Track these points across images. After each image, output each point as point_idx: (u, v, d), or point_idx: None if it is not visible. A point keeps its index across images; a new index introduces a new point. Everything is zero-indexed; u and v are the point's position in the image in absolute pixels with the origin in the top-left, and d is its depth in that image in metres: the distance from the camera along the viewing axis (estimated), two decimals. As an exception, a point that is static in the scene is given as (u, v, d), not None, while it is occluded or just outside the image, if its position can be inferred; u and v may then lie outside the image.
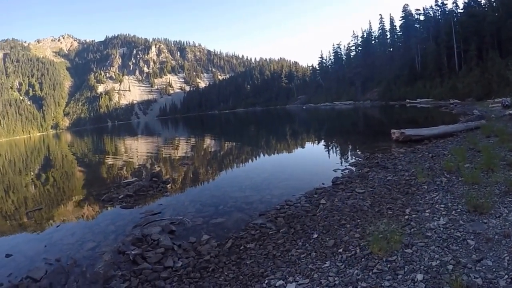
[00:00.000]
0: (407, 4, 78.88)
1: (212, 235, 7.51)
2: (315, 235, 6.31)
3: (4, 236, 10.08)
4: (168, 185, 13.58)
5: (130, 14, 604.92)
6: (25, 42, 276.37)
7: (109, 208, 11.36)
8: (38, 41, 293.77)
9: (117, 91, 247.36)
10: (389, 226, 5.30)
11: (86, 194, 14.80)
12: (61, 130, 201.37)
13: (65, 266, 6.95)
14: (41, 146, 66.11)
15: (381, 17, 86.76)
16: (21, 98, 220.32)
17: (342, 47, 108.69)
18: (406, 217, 6.16)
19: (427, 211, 6.25)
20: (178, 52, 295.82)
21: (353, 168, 12.28)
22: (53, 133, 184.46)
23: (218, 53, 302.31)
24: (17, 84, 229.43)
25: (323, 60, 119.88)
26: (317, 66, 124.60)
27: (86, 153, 39.35)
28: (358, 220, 6.58)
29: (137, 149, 34.75)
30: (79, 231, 9.26)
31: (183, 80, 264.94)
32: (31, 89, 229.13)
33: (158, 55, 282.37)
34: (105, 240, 8.20)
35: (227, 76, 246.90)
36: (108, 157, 29.23)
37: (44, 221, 11.09)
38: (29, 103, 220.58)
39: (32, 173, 26.14)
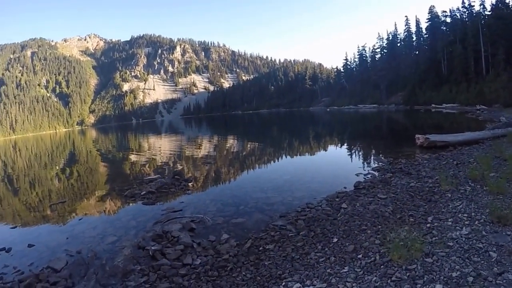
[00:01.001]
0: (433, 6, 76.46)
1: (232, 235, 7.52)
2: (335, 240, 6.24)
3: (27, 227, 10.41)
4: (190, 183, 13.67)
5: (155, 15, 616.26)
6: (52, 41, 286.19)
7: (131, 204, 11.54)
8: (65, 40, 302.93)
9: (142, 90, 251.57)
10: (410, 233, 5.19)
11: (109, 189, 15.09)
12: (86, 127, 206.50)
13: (86, 258, 7.11)
14: (67, 142, 67.82)
15: (407, 19, 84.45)
16: (48, 95, 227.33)
17: (367, 49, 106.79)
18: (428, 225, 6.01)
19: (449, 220, 6.07)
20: (203, 52, 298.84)
21: (376, 173, 12.12)
22: (78, 129, 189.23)
23: (243, 53, 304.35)
24: (44, 82, 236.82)
25: (348, 62, 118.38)
26: (341, 68, 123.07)
27: (110, 149, 40.23)
28: (379, 226, 6.47)
29: (160, 147, 35.15)
30: (100, 225, 9.47)
31: (207, 80, 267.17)
32: (57, 86, 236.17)
33: (182, 55, 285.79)
34: (125, 235, 8.34)
35: (251, 76, 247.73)
36: (131, 154, 29.67)
37: (67, 214, 11.39)
38: (55, 100, 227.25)
39: (57, 167, 26.84)
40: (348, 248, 5.61)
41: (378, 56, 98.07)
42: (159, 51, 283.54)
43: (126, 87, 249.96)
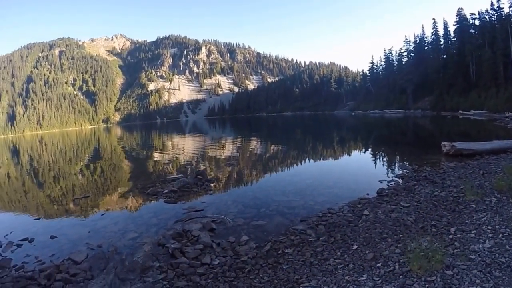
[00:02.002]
0: (461, 8, 72.89)
1: (252, 237, 7.53)
2: (355, 247, 6.16)
3: (50, 219, 10.74)
4: (212, 184, 13.75)
5: (181, 16, 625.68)
6: (79, 40, 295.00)
7: (153, 202, 11.73)
8: (92, 40, 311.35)
9: (167, 90, 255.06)
10: (431, 244, 5.08)
11: (132, 186, 15.35)
12: (111, 124, 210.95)
13: (106, 252, 7.28)
14: (92, 138, 69.45)
15: (434, 21, 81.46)
16: (75, 92, 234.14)
17: (393, 52, 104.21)
18: (451, 236, 5.86)
19: (473, 232, 5.89)
20: (228, 54, 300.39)
21: (400, 180, 11.88)
22: (103, 126, 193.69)
23: (268, 55, 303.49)
24: (72, 80, 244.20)
25: (374, 66, 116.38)
26: (367, 72, 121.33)
27: (134, 147, 40.95)
28: (400, 235, 6.35)
29: (184, 146, 35.50)
30: (122, 221, 9.66)
31: (232, 82, 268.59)
32: (84, 84, 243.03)
33: (208, 56, 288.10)
34: (146, 232, 8.48)
35: (276, 79, 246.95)
36: (155, 153, 30.13)
37: (90, 208, 11.68)
38: (82, 97, 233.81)
39: (81, 163, 27.49)
40: (368, 256, 5.53)
41: (405, 59, 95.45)
42: (185, 51, 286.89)
43: (151, 86, 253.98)
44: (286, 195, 11.05)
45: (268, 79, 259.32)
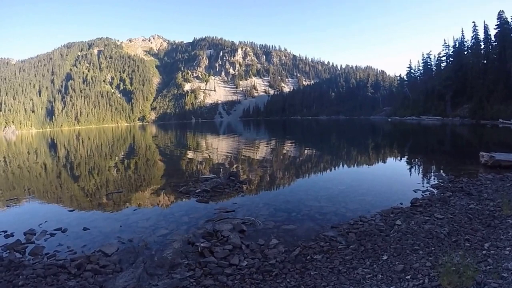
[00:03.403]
0: (502, 11, 68.80)
1: (281, 241, 7.50)
2: (385, 257, 6.03)
3: (83, 211, 11.10)
4: (244, 185, 13.80)
5: (217, 17, 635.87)
6: (118, 40, 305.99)
7: (185, 200, 11.92)
8: (130, 40, 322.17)
9: (202, 90, 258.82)
10: (464, 259, 4.89)
11: (165, 184, 15.65)
12: (147, 123, 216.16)
13: (136, 247, 7.44)
14: (127, 135, 71.33)
15: (474, 25, 77.60)
16: (112, 91, 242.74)
17: (432, 57, 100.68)
18: (484, 252, 5.66)
19: (507, 248, 5.67)
20: (264, 56, 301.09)
21: (435, 191, 11.55)
22: (139, 124, 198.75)
23: (304, 58, 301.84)
24: (109, 78, 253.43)
25: (412, 70, 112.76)
26: (405, 77, 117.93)
27: (169, 145, 41.65)
28: (432, 248, 6.18)
29: (217, 147, 35.87)
30: (154, 217, 9.86)
31: (268, 84, 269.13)
32: (122, 83, 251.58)
33: (244, 57, 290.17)
34: (177, 229, 8.63)
35: (312, 82, 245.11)
36: (189, 152, 30.59)
37: (122, 203, 12.02)
38: (119, 95, 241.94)
39: (116, 158, 28.30)
40: (397, 268, 5.42)
41: (443, 64, 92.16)
42: (221, 53, 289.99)
43: (187, 87, 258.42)
44: (318, 201, 10.95)
45: (304, 82, 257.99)
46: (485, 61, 74.72)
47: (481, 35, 77.84)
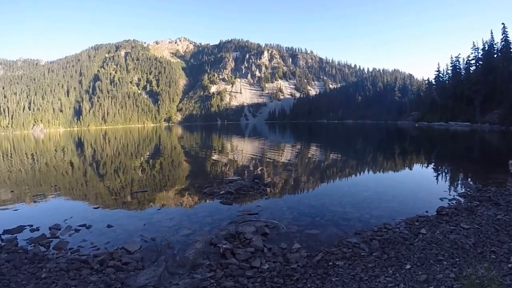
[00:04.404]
0: None
1: (304, 245, 7.46)
2: (408, 266, 5.91)
3: (108, 209, 11.37)
4: (268, 188, 13.78)
5: (243, 20, 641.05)
6: (144, 43, 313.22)
7: (209, 201, 12.03)
8: (157, 43, 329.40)
9: (228, 93, 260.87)
10: (489, 272, 4.73)
11: (189, 184, 15.81)
12: (173, 124, 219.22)
13: (159, 245, 7.57)
14: (153, 136, 72.45)
15: (504, 27, 74.58)
16: (139, 92, 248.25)
17: (461, 60, 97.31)
18: (510, 265, 5.52)
19: None
20: (290, 59, 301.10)
21: (462, 199, 11.25)
22: (165, 125, 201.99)
23: (330, 61, 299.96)
24: (136, 80, 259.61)
25: (440, 74, 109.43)
26: (433, 81, 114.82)
27: (194, 146, 42.13)
28: (457, 259, 6.03)
29: (242, 149, 35.95)
30: (177, 217, 10.00)
31: (294, 87, 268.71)
32: (148, 84, 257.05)
33: (270, 60, 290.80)
34: (200, 230, 8.71)
35: (338, 85, 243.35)
36: (214, 153, 30.83)
37: (147, 202, 12.22)
38: (145, 97, 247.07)
39: (141, 158, 28.77)
40: (420, 278, 5.33)
41: (472, 68, 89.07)
42: (247, 55, 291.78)
43: (213, 89, 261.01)
44: (342, 206, 10.85)
45: (330, 85, 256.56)
46: (516, 65, 72.29)
47: (511, 37, 75.35)
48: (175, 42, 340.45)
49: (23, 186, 16.59)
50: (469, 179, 15.69)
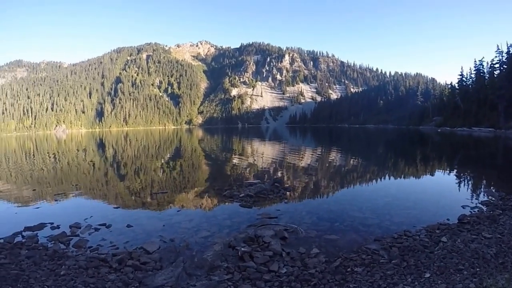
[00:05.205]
0: None
1: (322, 250, 7.42)
2: (427, 275, 5.79)
3: (128, 209, 11.57)
4: (288, 192, 13.75)
5: (264, 23, 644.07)
6: (166, 46, 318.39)
7: (228, 204, 12.07)
8: (178, 46, 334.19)
9: (249, 96, 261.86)
10: (509, 283, 4.66)
11: (209, 187, 15.89)
12: (193, 126, 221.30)
13: (177, 246, 7.64)
14: (174, 138, 73.22)
15: None
16: (160, 94, 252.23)
17: (484, 64, 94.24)
18: None
19: None
20: (311, 62, 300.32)
21: (484, 208, 10.97)
22: (186, 127, 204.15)
23: (352, 64, 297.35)
24: (158, 82, 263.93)
25: (463, 79, 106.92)
26: (456, 85, 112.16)
27: (215, 149, 42.36)
28: (477, 269, 5.88)
29: (263, 152, 35.95)
30: (196, 219, 10.08)
31: (315, 90, 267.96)
32: (169, 87, 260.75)
33: (291, 63, 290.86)
34: (219, 232, 8.75)
35: (360, 89, 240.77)
36: (234, 156, 30.93)
37: (166, 203, 12.35)
38: (167, 99, 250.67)
39: (161, 160, 29.09)
40: (440, 287, 5.22)
41: (496, 72, 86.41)
42: (268, 59, 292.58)
43: (234, 92, 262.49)
44: (362, 212, 10.74)
45: (352, 89, 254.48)
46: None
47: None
48: (196, 45, 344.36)
49: (45, 185, 17.05)
50: (492, 187, 15.29)
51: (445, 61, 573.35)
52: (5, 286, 5.32)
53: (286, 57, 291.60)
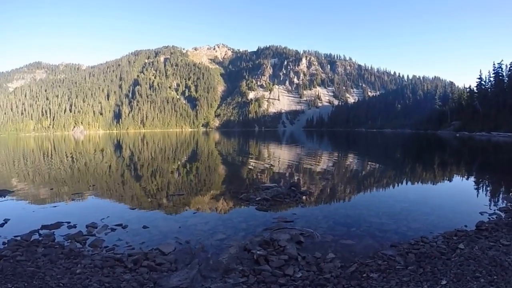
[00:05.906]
0: None
1: (338, 255, 7.35)
2: (444, 282, 5.69)
3: (144, 210, 11.65)
4: (304, 196, 13.69)
5: (281, 26, 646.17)
6: (183, 49, 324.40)
7: (244, 207, 12.08)
8: (195, 49, 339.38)
9: (266, 99, 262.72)
10: None
11: (225, 189, 15.92)
12: (210, 129, 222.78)
13: (193, 248, 7.66)
14: (191, 140, 73.63)
15: None
16: (178, 97, 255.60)
17: (503, 66, 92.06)
18: None
19: None
20: (328, 65, 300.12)
21: (503, 214, 10.74)
22: (203, 130, 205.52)
23: (369, 68, 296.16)
24: (175, 85, 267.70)
25: (482, 82, 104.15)
26: (475, 88, 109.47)
27: (231, 152, 42.39)
28: (495, 277, 5.74)
29: (279, 156, 35.94)
30: (212, 222, 10.11)
31: (332, 94, 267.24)
32: (187, 90, 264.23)
33: (308, 67, 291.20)
34: (234, 235, 8.74)
35: (377, 93, 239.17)
36: (251, 160, 30.94)
37: (182, 205, 12.43)
38: (184, 102, 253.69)
39: (178, 162, 29.32)
40: None
41: None
42: (285, 62, 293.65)
43: (251, 95, 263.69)
44: (379, 217, 10.64)
45: (369, 93, 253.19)
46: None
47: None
48: (214, 49, 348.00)
49: (62, 184, 17.39)
50: (510, 193, 14.99)
51: (464, 65, 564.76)
52: (21, 283, 5.41)
53: (303, 60, 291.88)
